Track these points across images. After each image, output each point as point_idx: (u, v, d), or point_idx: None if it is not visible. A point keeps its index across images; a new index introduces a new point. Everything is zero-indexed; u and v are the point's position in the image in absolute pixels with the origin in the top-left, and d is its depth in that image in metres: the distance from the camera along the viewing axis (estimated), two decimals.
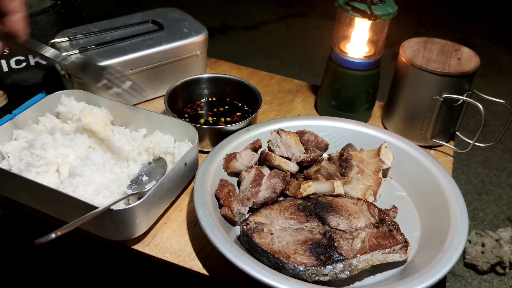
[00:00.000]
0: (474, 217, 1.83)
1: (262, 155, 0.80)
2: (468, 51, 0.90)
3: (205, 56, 1.05)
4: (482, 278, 1.62)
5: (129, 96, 0.70)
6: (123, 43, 0.95)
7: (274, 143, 0.81)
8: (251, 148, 0.80)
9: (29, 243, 0.55)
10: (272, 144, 0.82)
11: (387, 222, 0.68)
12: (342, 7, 0.87)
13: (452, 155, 0.93)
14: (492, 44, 3.11)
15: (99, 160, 0.72)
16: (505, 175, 2.06)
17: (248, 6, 3.44)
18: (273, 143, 0.81)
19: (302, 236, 0.64)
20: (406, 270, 0.65)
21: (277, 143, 0.80)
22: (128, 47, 0.94)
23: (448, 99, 0.86)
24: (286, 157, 0.79)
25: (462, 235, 0.65)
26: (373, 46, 0.93)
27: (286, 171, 0.77)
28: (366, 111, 0.98)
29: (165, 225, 0.73)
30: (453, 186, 0.73)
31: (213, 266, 0.67)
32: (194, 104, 0.98)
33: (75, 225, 0.56)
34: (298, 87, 1.11)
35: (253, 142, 0.81)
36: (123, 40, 0.96)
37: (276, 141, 0.81)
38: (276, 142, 0.81)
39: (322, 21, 3.24)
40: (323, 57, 1.04)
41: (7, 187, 0.71)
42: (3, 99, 0.96)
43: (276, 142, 0.81)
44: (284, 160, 0.78)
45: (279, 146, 0.80)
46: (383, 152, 0.80)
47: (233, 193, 0.71)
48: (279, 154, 0.80)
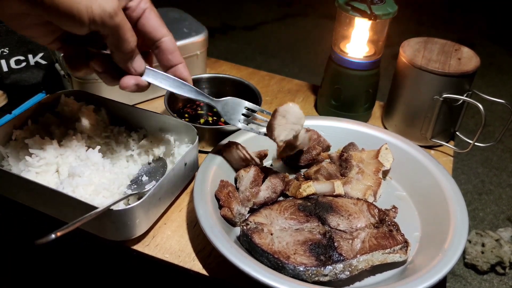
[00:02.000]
0: (474, 217, 1.83)
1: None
2: (468, 51, 0.90)
3: (205, 56, 1.05)
4: (482, 278, 1.62)
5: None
6: None
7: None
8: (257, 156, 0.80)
9: (29, 243, 0.55)
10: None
11: (387, 222, 0.68)
12: (342, 7, 0.87)
13: (452, 155, 0.93)
14: (492, 44, 3.11)
15: (99, 160, 0.72)
16: (505, 175, 2.06)
17: (248, 6, 3.44)
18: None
19: (302, 236, 0.64)
20: (406, 270, 0.65)
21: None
22: None
23: (448, 99, 0.86)
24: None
25: (462, 235, 0.65)
26: (373, 46, 0.93)
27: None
28: (366, 111, 0.98)
29: (165, 225, 0.73)
30: (453, 186, 0.73)
31: (213, 267, 0.67)
32: (194, 104, 0.98)
33: (75, 225, 0.56)
34: (298, 87, 1.11)
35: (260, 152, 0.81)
36: None
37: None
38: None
39: (322, 21, 3.24)
40: (323, 57, 1.04)
41: (7, 187, 0.71)
42: (3, 99, 0.96)
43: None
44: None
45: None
46: (382, 154, 0.80)
47: (233, 193, 0.71)
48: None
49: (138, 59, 0.61)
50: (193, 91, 0.67)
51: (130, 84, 0.61)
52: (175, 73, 0.65)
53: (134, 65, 0.61)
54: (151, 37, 0.62)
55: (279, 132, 0.68)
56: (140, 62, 0.61)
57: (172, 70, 0.65)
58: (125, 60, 0.59)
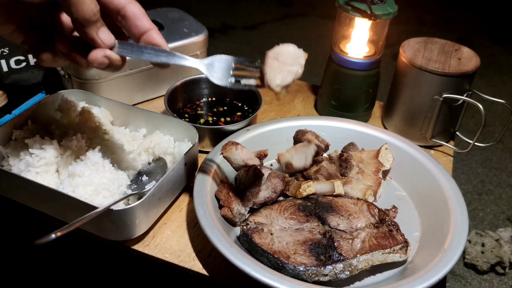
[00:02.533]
0: (474, 217, 1.83)
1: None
2: (468, 51, 0.90)
3: (205, 56, 1.05)
4: (482, 278, 1.62)
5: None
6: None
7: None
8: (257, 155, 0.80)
9: (29, 243, 0.55)
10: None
11: (387, 222, 0.68)
12: (342, 7, 0.87)
13: (452, 155, 0.93)
14: (492, 44, 3.11)
15: (99, 160, 0.72)
16: (505, 175, 2.06)
17: (248, 6, 3.44)
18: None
19: (302, 236, 0.64)
20: (406, 270, 0.65)
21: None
22: None
23: (448, 99, 0.86)
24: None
25: (462, 235, 0.65)
26: (373, 46, 0.93)
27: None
28: (366, 111, 0.98)
29: (165, 225, 0.73)
30: (453, 186, 0.73)
31: (213, 267, 0.67)
32: (194, 104, 0.98)
33: (75, 225, 0.56)
34: (298, 87, 1.11)
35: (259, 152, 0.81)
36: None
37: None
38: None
39: (322, 21, 3.24)
40: (323, 57, 1.04)
41: (7, 187, 0.71)
42: (3, 99, 0.96)
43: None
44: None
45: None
46: (382, 154, 0.80)
47: (233, 193, 0.71)
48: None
49: (104, 30, 0.56)
50: (171, 55, 0.59)
51: (99, 57, 0.56)
52: (147, 39, 0.58)
53: (101, 36, 0.55)
54: (114, 6, 0.57)
55: (272, 75, 0.57)
56: (108, 34, 0.56)
57: (144, 38, 0.58)
58: (89, 29, 0.54)
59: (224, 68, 0.60)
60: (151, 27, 0.58)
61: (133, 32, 0.58)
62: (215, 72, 0.60)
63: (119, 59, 0.58)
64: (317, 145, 0.82)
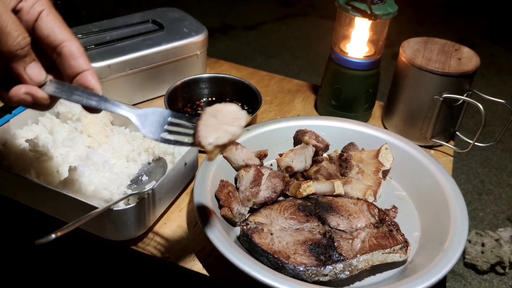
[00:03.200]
0: (474, 217, 1.83)
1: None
2: (468, 51, 0.90)
3: (205, 56, 1.05)
4: (482, 278, 1.62)
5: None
6: (123, 43, 0.95)
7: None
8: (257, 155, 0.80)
9: (29, 243, 0.55)
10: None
11: (387, 222, 0.68)
12: (342, 7, 0.87)
13: (452, 155, 0.93)
14: (492, 44, 3.11)
15: (99, 160, 0.72)
16: (505, 175, 2.06)
17: (248, 6, 3.44)
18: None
19: (302, 236, 0.64)
20: (406, 270, 0.65)
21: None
22: (128, 47, 0.94)
23: (448, 99, 0.86)
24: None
25: (462, 235, 0.65)
26: (373, 46, 0.93)
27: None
28: (366, 111, 0.98)
29: (165, 225, 0.73)
30: (453, 186, 0.73)
31: (213, 266, 0.67)
32: (194, 104, 0.98)
33: (75, 225, 0.56)
34: (298, 87, 1.11)
35: (259, 152, 0.81)
36: (123, 40, 0.96)
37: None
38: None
39: (322, 21, 3.24)
40: (323, 57, 1.04)
41: (7, 187, 0.71)
42: None
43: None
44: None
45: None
46: (382, 154, 0.80)
47: (233, 193, 0.71)
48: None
49: (34, 65, 0.51)
50: (103, 101, 0.54)
51: (20, 93, 0.50)
52: (80, 81, 0.53)
53: (29, 72, 0.50)
54: (49, 42, 0.52)
55: (206, 133, 0.53)
56: (39, 70, 0.51)
57: (77, 79, 0.53)
58: (15, 64, 0.50)
59: (157, 121, 0.55)
60: (87, 68, 0.54)
61: (66, 72, 0.54)
62: (147, 125, 0.55)
63: (46, 98, 0.52)
64: (316, 145, 0.82)
